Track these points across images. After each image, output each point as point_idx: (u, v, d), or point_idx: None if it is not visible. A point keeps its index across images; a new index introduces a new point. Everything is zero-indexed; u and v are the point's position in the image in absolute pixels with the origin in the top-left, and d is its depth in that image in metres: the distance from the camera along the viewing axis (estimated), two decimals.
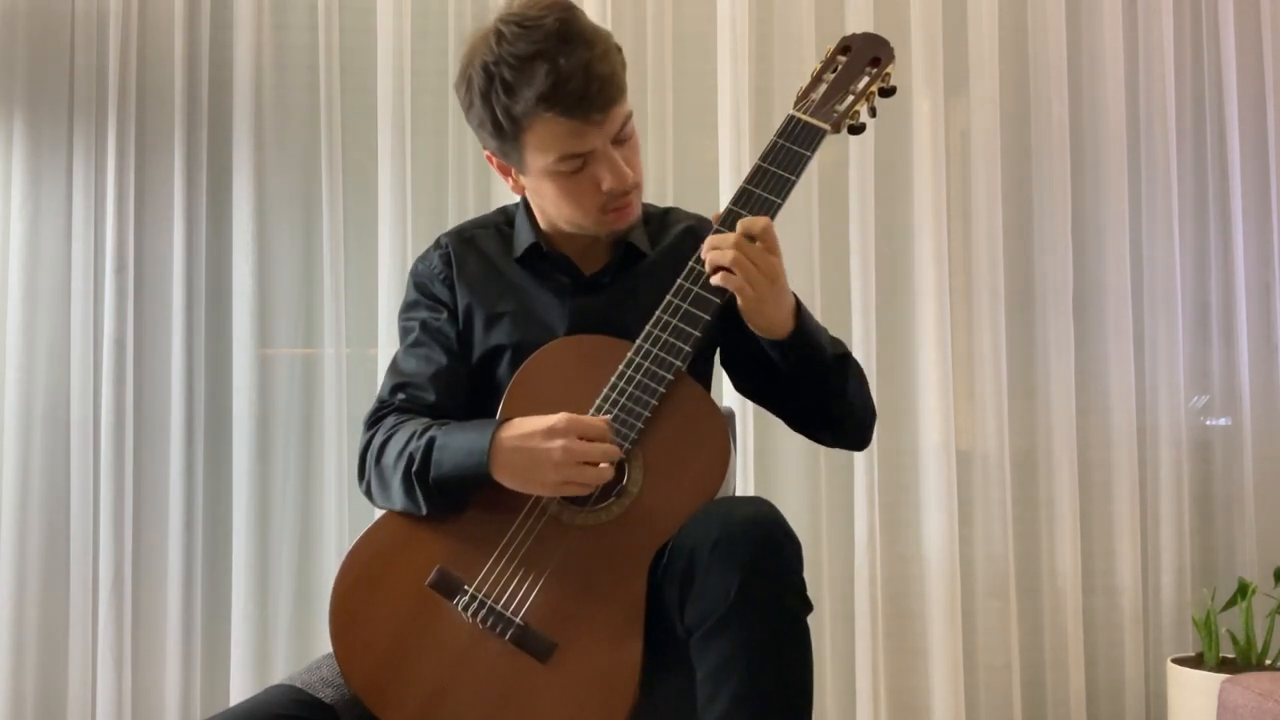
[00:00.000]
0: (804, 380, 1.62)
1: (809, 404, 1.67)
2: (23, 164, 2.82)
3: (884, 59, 1.68)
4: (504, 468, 1.51)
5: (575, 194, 1.62)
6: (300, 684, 1.54)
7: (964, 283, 3.06)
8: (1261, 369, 3.16)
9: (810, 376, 1.62)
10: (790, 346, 1.58)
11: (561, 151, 1.58)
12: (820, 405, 1.67)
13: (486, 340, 1.71)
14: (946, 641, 2.93)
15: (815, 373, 1.62)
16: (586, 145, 1.58)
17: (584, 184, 1.61)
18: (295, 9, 2.93)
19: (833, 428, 1.71)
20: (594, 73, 1.54)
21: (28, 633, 2.76)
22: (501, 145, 1.62)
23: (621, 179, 1.61)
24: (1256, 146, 3.19)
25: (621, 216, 1.66)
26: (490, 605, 1.49)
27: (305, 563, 2.85)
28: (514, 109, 1.55)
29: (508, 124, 1.57)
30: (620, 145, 1.61)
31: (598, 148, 1.58)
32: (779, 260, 1.53)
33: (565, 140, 1.57)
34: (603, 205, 1.63)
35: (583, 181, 1.61)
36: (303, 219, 2.91)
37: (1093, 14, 3.13)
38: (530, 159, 1.61)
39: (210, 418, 2.86)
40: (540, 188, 1.66)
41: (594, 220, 1.65)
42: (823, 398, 1.65)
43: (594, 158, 1.59)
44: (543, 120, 1.55)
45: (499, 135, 1.60)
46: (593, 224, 1.66)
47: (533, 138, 1.58)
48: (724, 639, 1.37)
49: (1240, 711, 2.13)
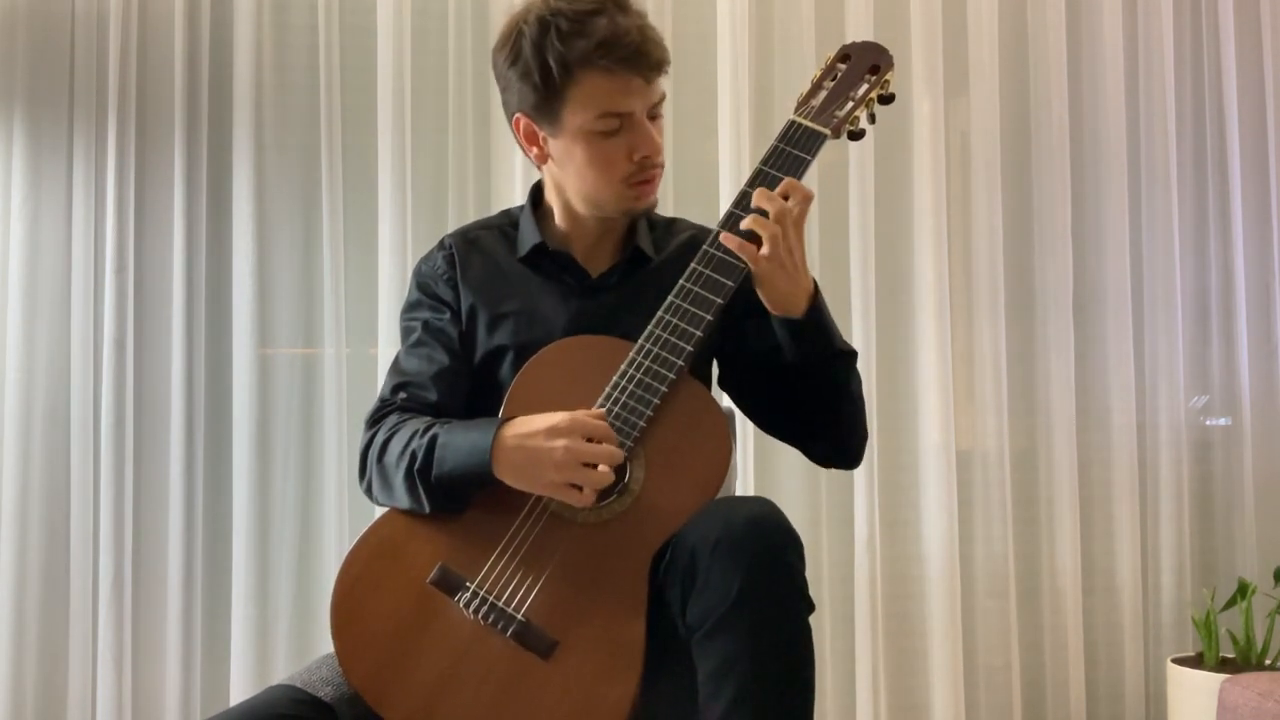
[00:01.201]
0: (808, 374, 1.61)
1: (810, 404, 1.66)
2: (23, 164, 2.81)
3: (883, 66, 1.69)
4: (506, 466, 1.51)
5: (605, 159, 1.64)
6: (300, 683, 1.54)
7: (964, 283, 3.06)
8: (1261, 369, 3.16)
9: (815, 369, 1.61)
10: (804, 327, 1.58)
11: (604, 108, 1.60)
12: (821, 404, 1.65)
13: (490, 340, 1.71)
14: (946, 641, 2.93)
15: (821, 362, 1.61)
16: (628, 105, 1.60)
17: (616, 150, 1.63)
18: (295, 9, 2.92)
19: (830, 431, 1.69)
20: (649, 34, 1.61)
21: (28, 633, 2.75)
22: (542, 100, 1.63)
23: (654, 148, 1.64)
24: (1256, 146, 3.20)
25: (644, 192, 1.67)
26: (492, 602, 1.49)
27: (305, 563, 2.85)
28: (569, 55, 1.58)
29: (559, 72, 1.59)
30: (652, 122, 1.65)
31: (636, 112, 1.62)
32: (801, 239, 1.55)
33: (611, 96, 1.60)
34: (628, 176, 1.65)
35: (614, 148, 1.63)
36: (303, 219, 2.91)
37: (1093, 14, 3.13)
38: (569, 116, 1.62)
39: (210, 418, 2.86)
40: (570, 152, 1.66)
41: (616, 193, 1.66)
42: (825, 395, 1.64)
43: (630, 123, 1.62)
44: (593, 72, 1.58)
45: (544, 86, 1.61)
46: (614, 197, 1.67)
47: (578, 91, 1.60)
48: (726, 638, 1.37)
49: (1240, 711, 2.13)
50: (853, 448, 1.72)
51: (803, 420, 1.70)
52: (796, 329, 1.58)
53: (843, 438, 1.70)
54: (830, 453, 1.73)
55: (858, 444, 1.72)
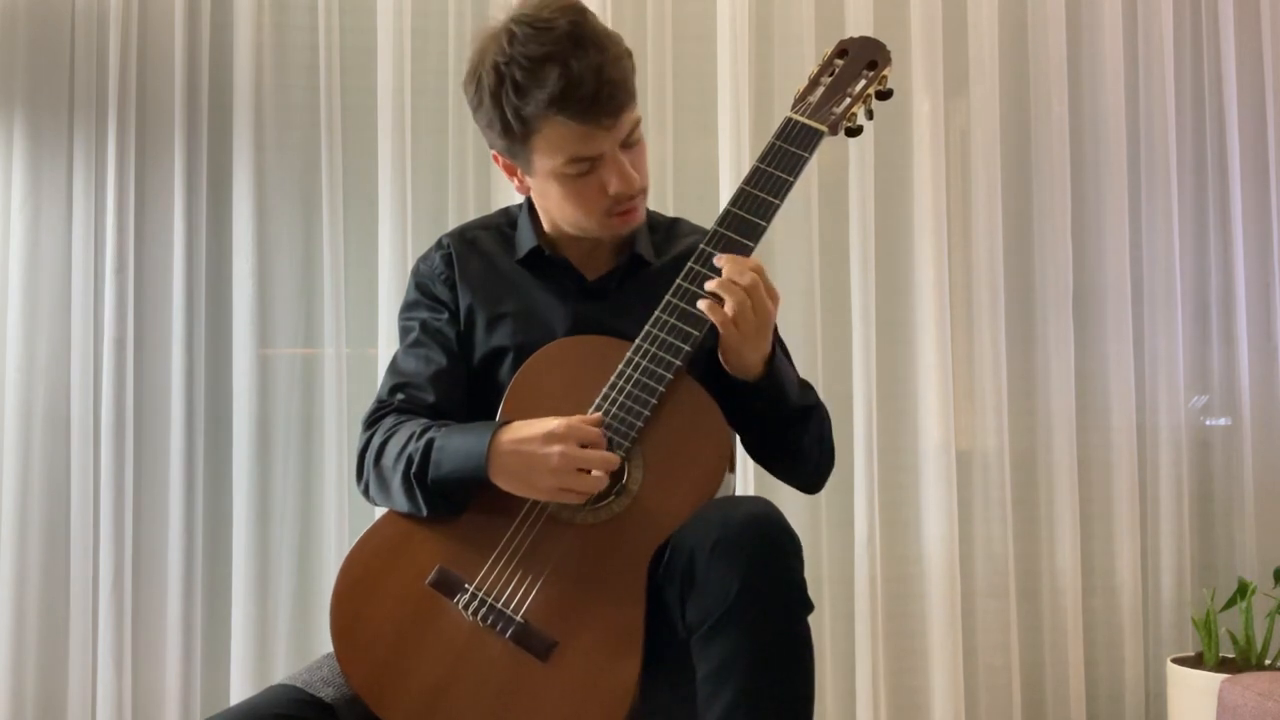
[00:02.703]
0: (765, 420, 1.65)
1: (767, 441, 1.70)
2: (23, 164, 2.81)
3: (881, 62, 1.69)
4: (501, 471, 1.51)
5: (581, 197, 1.62)
6: (300, 683, 1.54)
7: (964, 283, 3.06)
8: (1261, 369, 3.16)
9: (771, 419, 1.64)
10: (758, 390, 1.60)
11: (570, 155, 1.58)
12: (777, 445, 1.70)
13: (488, 341, 1.71)
14: (946, 641, 2.93)
15: (777, 417, 1.64)
16: (595, 149, 1.58)
17: (590, 187, 1.61)
18: (295, 9, 2.92)
19: (784, 470, 1.75)
20: (605, 77, 1.54)
21: (28, 633, 2.75)
22: (509, 146, 1.63)
23: (629, 184, 1.61)
24: (1256, 146, 3.19)
25: (625, 220, 1.66)
26: (491, 603, 1.49)
27: (305, 563, 2.85)
28: (524, 110, 1.55)
29: (517, 125, 1.57)
30: (628, 150, 1.62)
31: (606, 152, 1.59)
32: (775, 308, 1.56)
33: (574, 144, 1.57)
34: (608, 209, 1.63)
35: (589, 185, 1.61)
36: (303, 219, 2.90)
37: (1093, 14, 3.13)
38: (538, 161, 1.61)
39: (210, 418, 2.86)
40: (546, 189, 1.66)
41: (598, 223, 1.65)
42: (779, 441, 1.68)
43: (602, 161, 1.59)
44: (553, 123, 1.55)
45: (507, 135, 1.60)
46: (596, 227, 1.66)
47: (541, 140, 1.58)
48: (725, 638, 1.37)
49: (1240, 711, 2.13)
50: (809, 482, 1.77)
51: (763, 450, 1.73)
52: (752, 391, 1.60)
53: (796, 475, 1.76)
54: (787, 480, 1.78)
55: (817, 479, 1.77)
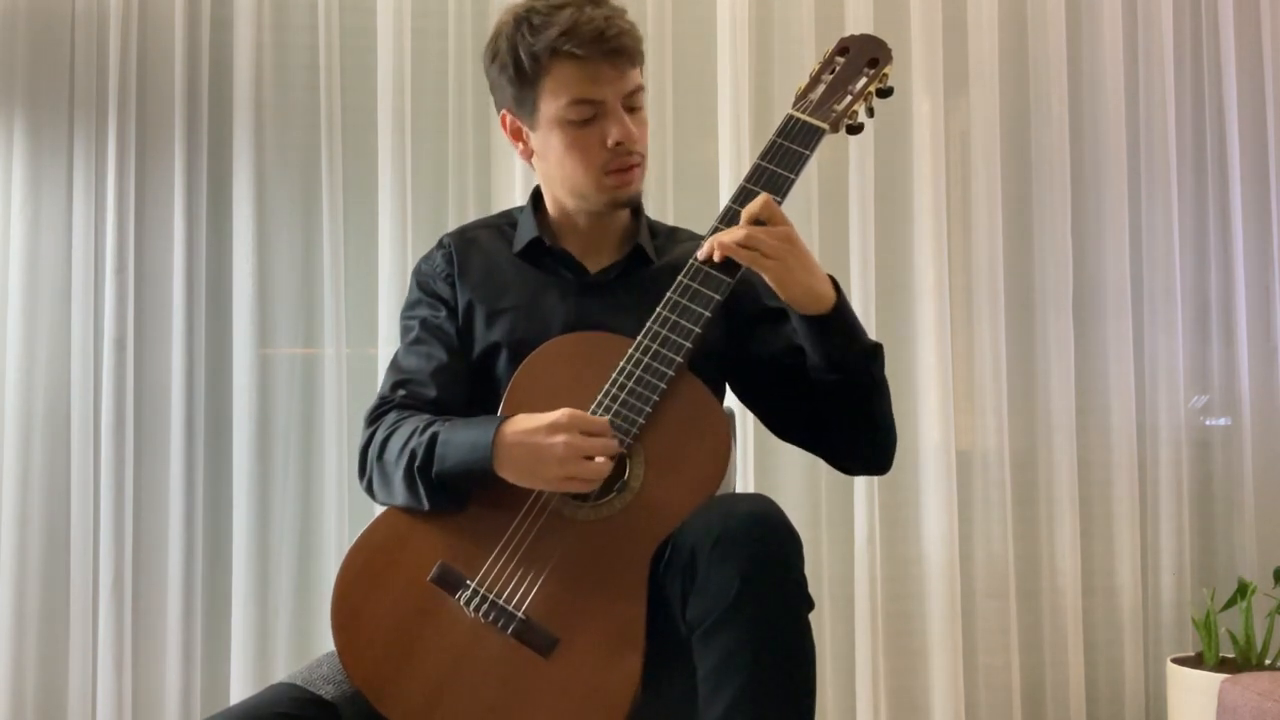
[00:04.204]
0: (837, 371, 1.57)
1: (838, 407, 1.61)
2: (23, 164, 2.81)
3: (881, 60, 1.69)
4: (507, 463, 1.51)
5: (580, 147, 1.65)
6: (301, 682, 1.54)
7: (964, 283, 3.06)
8: (1261, 369, 3.16)
9: (847, 367, 1.58)
10: (832, 322, 1.55)
11: (575, 94, 1.63)
12: (852, 405, 1.61)
13: (488, 336, 1.71)
14: (946, 641, 2.93)
15: (854, 359, 1.58)
16: (599, 93, 1.63)
17: (590, 137, 1.65)
18: (295, 9, 2.93)
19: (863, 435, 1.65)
20: (615, 24, 1.64)
21: (28, 633, 2.75)
22: (519, 93, 1.67)
23: (628, 135, 1.65)
24: (1256, 146, 3.20)
25: (623, 182, 1.68)
26: (492, 600, 1.49)
27: (305, 562, 2.85)
28: (536, 46, 1.62)
29: (529, 63, 1.63)
30: (631, 114, 1.66)
31: (609, 100, 1.64)
32: (790, 229, 1.54)
33: (580, 83, 1.62)
34: (605, 164, 1.66)
35: (590, 134, 1.65)
36: (303, 219, 2.91)
37: (1093, 14, 3.13)
38: (544, 106, 1.65)
39: (210, 418, 2.86)
40: (548, 143, 1.68)
41: (595, 181, 1.67)
42: (857, 395, 1.60)
43: (604, 111, 1.64)
44: (562, 59, 1.62)
45: (519, 77, 1.65)
46: (594, 185, 1.68)
47: (550, 80, 1.63)
48: (725, 636, 1.37)
49: (1240, 711, 2.13)
50: (887, 449, 1.67)
51: (830, 426, 1.65)
52: (824, 326, 1.56)
53: (877, 440, 1.66)
54: (863, 456, 1.69)
55: (891, 445, 1.67)
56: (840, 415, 1.63)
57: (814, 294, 1.55)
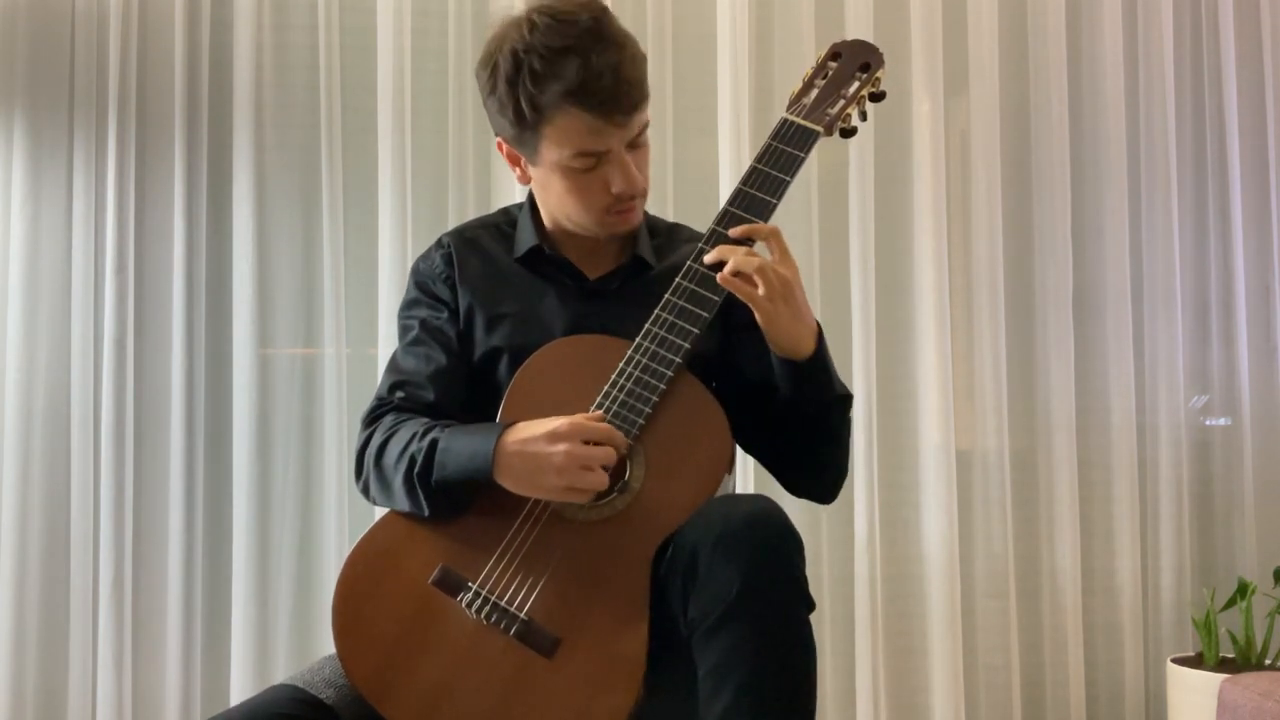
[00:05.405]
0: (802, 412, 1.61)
1: (797, 442, 1.66)
2: (23, 164, 2.81)
3: (873, 64, 1.71)
4: (507, 472, 1.51)
5: (582, 192, 1.63)
6: (302, 684, 1.54)
7: (964, 283, 3.06)
8: (1261, 369, 3.16)
9: (811, 412, 1.61)
10: (809, 370, 1.57)
11: (579, 148, 1.59)
12: (807, 443, 1.66)
13: (487, 341, 1.71)
14: (946, 641, 2.93)
15: (820, 407, 1.61)
16: (604, 145, 1.59)
17: (593, 184, 1.62)
18: (295, 9, 2.92)
19: (811, 472, 1.71)
20: (623, 75, 1.56)
21: (28, 633, 2.75)
22: (518, 133, 1.63)
23: (631, 184, 1.63)
24: (1256, 146, 3.20)
25: (623, 220, 1.67)
26: (494, 601, 1.49)
27: (305, 563, 2.85)
28: (539, 99, 1.56)
29: (530, 113, 1.58)
30: (634, 151, 1.63)
31: (613, 149, 1.60)
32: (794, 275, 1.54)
33: (585, 137, 1.58)
34: (607, 207, 1.64)
35: (593, 181, 1.62)
36: (303, 219, 2.90)
37: (1093, 14, 3.13)
38: (545, 151, 1.62)
39: (210, 418, 2.86)
40: (549, 181, 1.66)
41: (595, 220, 1.66)
42: (814, 437, 1.65)
43: (608, 159, 1.61)
44: (566, 114, 1.57)
45: (518, 123, 1.61)
46: (593, 224, 1.67)
47: (552, 130, 1.59)
48: (726, 636, 1.37)
49: (1240, 711, 2.13)
50: (832, 488, 1.73)
51: (784, 451, 1.70)
52: (801, 372, 1.58)
53: (822, 478, 1.72)
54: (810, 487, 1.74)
55: (838, 485, 1.73)
56: (794, 448, 1.67)
57: (795, 340, 1.56)
